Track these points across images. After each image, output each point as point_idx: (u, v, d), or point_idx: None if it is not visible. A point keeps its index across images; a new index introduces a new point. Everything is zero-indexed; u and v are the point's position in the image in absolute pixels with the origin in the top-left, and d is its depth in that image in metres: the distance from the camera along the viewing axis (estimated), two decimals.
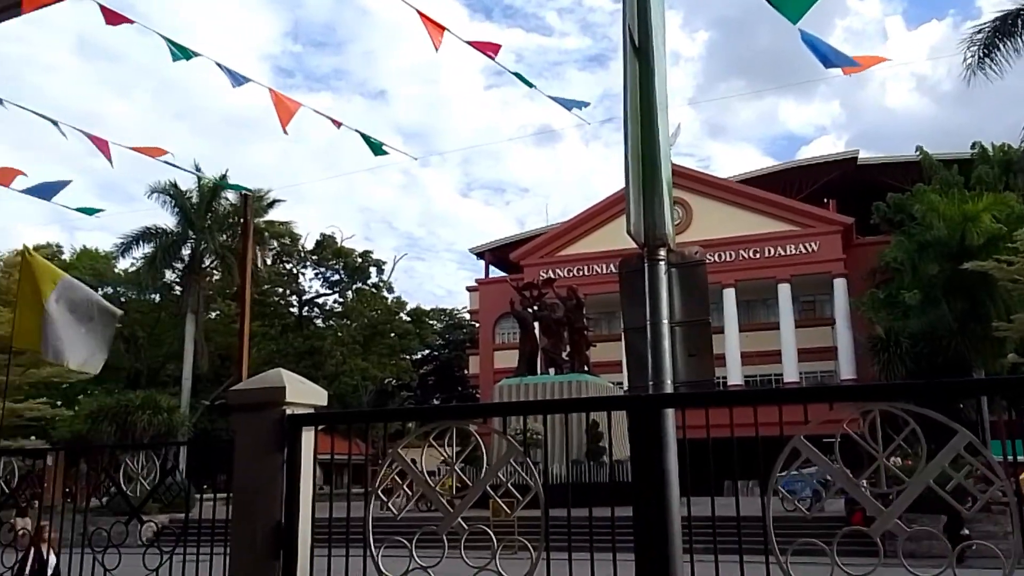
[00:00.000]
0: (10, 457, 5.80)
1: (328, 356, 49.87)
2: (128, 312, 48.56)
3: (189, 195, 43.36)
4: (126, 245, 43.61)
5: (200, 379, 42.41)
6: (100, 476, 6.06)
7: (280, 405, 4.64)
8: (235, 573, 4.55)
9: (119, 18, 3.81)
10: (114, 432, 30.05)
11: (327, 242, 56.25)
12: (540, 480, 4.09)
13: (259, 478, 4.64)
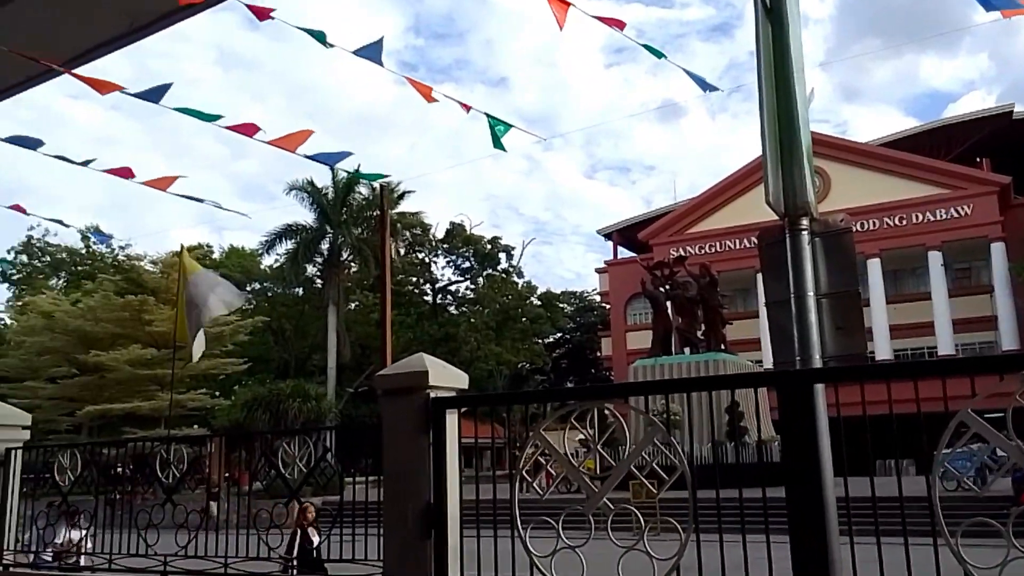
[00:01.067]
0: (179, 444, 6.22)
1: (463, 342, 50.88)
2: (274, 306, 51.23)
3: (325, 191, 45.11)
4: (270, 242, 45.88)
5: (343, 368, 44.18)
6: (258, 461, 6.38)
7: (424, 389, 4.76)
8: (389, 551, 4.71)
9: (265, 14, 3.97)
10: (268, 419, 31.76)
11: (456, 230, 57.29)
12: (685, 460, 4.02)
13: (407, 460, 4.77)
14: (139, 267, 45.20)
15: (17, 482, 6.48)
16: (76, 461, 6.32)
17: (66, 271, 56.66)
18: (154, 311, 39.12)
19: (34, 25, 5.35)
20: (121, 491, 7.58)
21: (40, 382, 40.41)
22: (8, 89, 6.51)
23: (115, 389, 38.81)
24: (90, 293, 41.88)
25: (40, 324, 41.41)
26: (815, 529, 3.57)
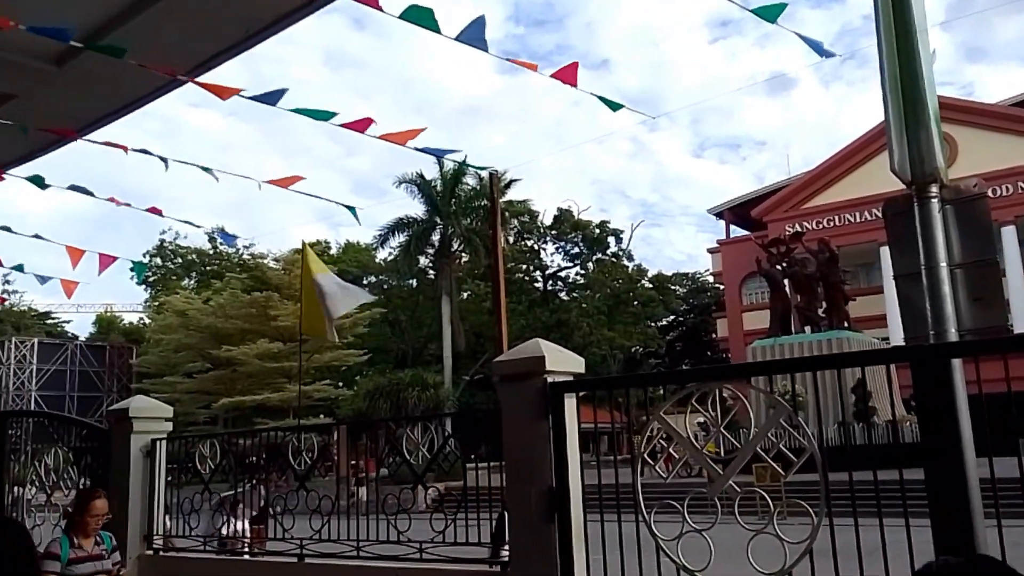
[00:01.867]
0: (308, 433, 6.48)
1: (575, 328, 50.88)
2: (390, 298, 52.52)
3: (434, 183, 45.88)
4: (383, 236, 47.03)
5: (459, 356, 44.91)
6: (383, 448, 6.57)
7: (541, 374, 4.78)
8: (514, 534, 4.77)
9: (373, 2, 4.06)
10: (389, 408, 32.70)
11: (564, 216, 57.23)
12: (815, 441, 3.89)
13: (527, 445, 4.82)
14: (263, 265, 47.31)
15: (163, 471, 6.91)
16: (215, 451, 6.68)
17: (196, 271, 59.83)
18: (278, 307, 40.88)
19: (158, 38, 5.64)
20: (256, 479, 7.96)
21: (178, 377, 42.95)
22: (137, 101, 6.89)
23: (246, 382, 40.83)
24: (219, 291, 44.18)
25: (175, 322, 44.02)
26: (957, 511, 3.39)
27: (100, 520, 5.44)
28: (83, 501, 5.50)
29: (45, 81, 6.33)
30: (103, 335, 57.85)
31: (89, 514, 5.35)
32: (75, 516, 5.43)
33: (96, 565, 5.35)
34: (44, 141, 7.81)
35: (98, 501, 5.45)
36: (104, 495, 5.60)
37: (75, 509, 5.50)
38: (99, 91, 6.59)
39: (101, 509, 5.42)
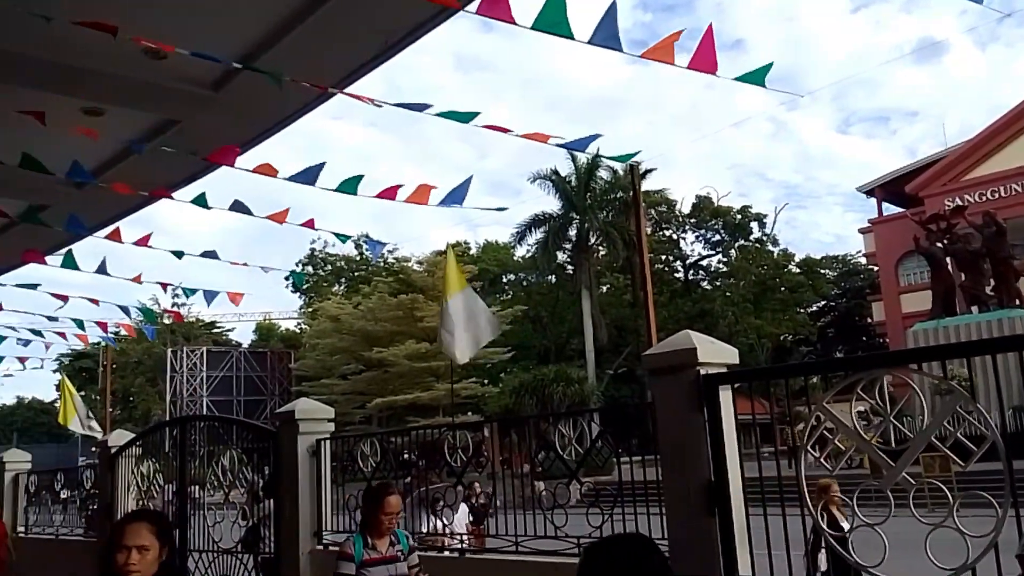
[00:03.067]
0: (459, 430, 6.61)
1: (719, 317, 49.65)
2: (530, 295, 52.99)
3: (568, 179, 45.91)
4: (520, 234, 47.51)
5: (601, 350, 44.78)
6: (532, 444, 6.62)
7: (693, 366, 4.68)
8: (673, 529, 4.69)
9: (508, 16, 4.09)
10: (535, 404, 33.02)
11: (703, 204, 55.94)
12: (996, 429, 3.62)
13: (682, 438, 4.73)
14: (407, 268, 48.82)
15: (328, 469, 7.24)
16: (375, 449, 6.94)
17: (345, 277, 62.45)
18: (424, 308, 42.09)
19: (306, 56, 5.92)
20: (412, 475, 8.22)
21: (334, 379, 45.00)
22: (288, 117, 7.26)
23: (397, 382, 42.28)
24: (367, 296, 45.97)
25: (329, 327, 46.16)
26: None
27: (395, 519, 4.92)
28: (375, 497, 4.90)
29: (205, 106, 6.76)
30: (264, 342, 61.39)
31: (383, 511, 4.80)
32: (368, 514, 4.90)
33: (391, 568, 4.84)
34: (205, 163, 8.37)
35: (392, 497, 4.86)
36: (396, 490, 5.08)
37: (366, 507, 4.94)
38: (254, 112, 6.98)
39: (395, 506, 4.88)
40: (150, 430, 10.38)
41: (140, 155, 7.68)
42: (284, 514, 7.28)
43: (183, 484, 8.48)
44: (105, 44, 5.25)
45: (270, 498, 7.80)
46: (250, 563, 7.61)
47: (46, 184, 7.78)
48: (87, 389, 59.30)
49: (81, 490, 11.12)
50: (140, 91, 6.50)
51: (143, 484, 9.39)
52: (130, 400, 57.87)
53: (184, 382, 50.39)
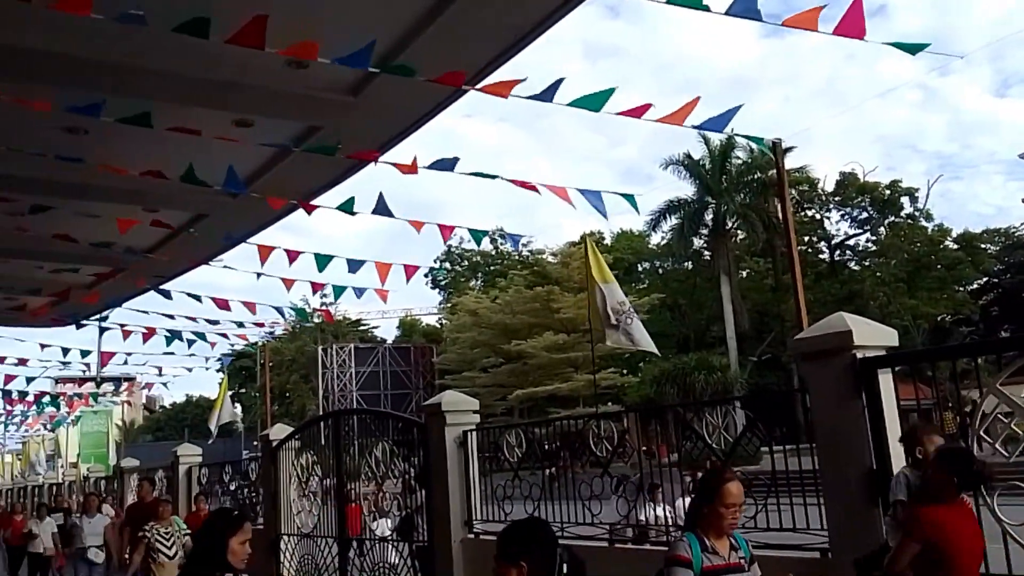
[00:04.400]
0: (600, 420, 6.58)
1: (869, 298, 47.19)
2: (667, 283, 52.22)
3: (702, 162, 44.84)
4: (655, 221, 46.78)
5: (743, 337, 43.54)
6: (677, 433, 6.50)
7: (849, 350, 4.47)
8: (833, 519, 4.50)
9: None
10: (676, 393, 32.51)
11: (848, 180, 53.26)
12: None
13: (839, 425, 4.52)
14: (542, 260, 49.13)
15: (475, 460, 7.37)
16: (521, 439, 7.01)
17: (482, 272, 63.50)
18: (560, 299, 42.26)
19: (439, 54, 6.02)
20: (555, 466, 8.24)
21: (476, 372, 45.88)
22: (424, 117, 7.41)
23: (537, 374, 42.67)
24: (504, 289, 46.57)
25: (469, 321, 47.13)
26: None
27: (737, 512, 3.67)
28: (711, 484, 3.67)
29: (345, 111, 7.00)
30: (407, 337, 63.32)
31: (723, 503, 3.55)
32: (701, 506, 3.66)
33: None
34: (346, 168, 8.69)
35: (732, 485, 3.60)
36: (737, 476, 3.75)
37: (700, 496, 3.72)
38: (392, 113, 7.17)
39: (738, 496, 3.61)
40: (306, 424, 10.89)
41: (286, 163, 8.08)
42: (435, 503, 7.47)
43: (339, 475, 8.84)
44: (251, 58, 5.53)
45: (422, 488, 8.03)
46: (405, 551, 7.86)
47: (204, 195, 8.30)
48: (247, 387, 63.10)
49: (247, 481, 11.83)
50: (285, 100, 6.80)
51: (303, 475, 9.87)
52: (286, 396, 61.03)
53: (334, 378, 52.68)
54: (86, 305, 12.79)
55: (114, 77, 6.02)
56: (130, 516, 8.43)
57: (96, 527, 10.96)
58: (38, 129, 6.75)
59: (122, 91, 6.00)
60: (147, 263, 10.19)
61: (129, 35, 5.30)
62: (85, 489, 18.29)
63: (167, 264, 10.30)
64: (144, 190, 7.78)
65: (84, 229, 8.70)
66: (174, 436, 61.63)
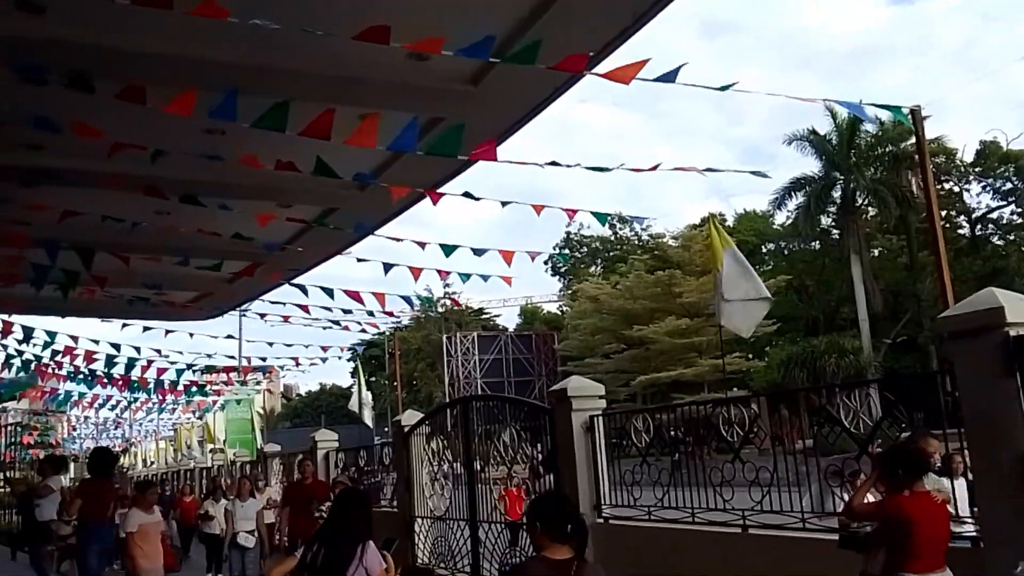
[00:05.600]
0: (726, 406, 6.43)
1: (1016, 275, 44.16)
2: (793, 264, 50.47)
3: (828, 137, 42.99)
4: (779, 200, 45.20)
5: (875, 318, 41.60)
6: (809, 418, 6.28)
7: (1001, 327, 4.21)
8: (984, 507, 4.26)
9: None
10: (805, 377, 31.42)
11: (989, 149, 49.81)
12: None
13: (991, 407, 4.27)
14: (663, 244, 48.41)
15: (602, 445, 7.36)
16: (648, 424, 6.95)
17: (601, 258, 63.17)
18: (682, 283, 41.58)
19: (556, 39, 6.00)
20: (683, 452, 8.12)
21: (597, 358, 45.76)
22: (541, 104, 7.41)
23: (659, 359, 42.16)
24: (624, 274, 46.18)
25: (589, 308, 47.05)
26: None
27: None
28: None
29: (465, 101, 7.09)
30: (528, 325, 63.78)
31: None
32: None
33: None
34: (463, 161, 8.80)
35: None
36: None
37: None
38: (512, 101, 7.22)
39: None
40: (436, 410, 11.17)
41: (409, 155, 8.26)
42: (563, 488, 7.51)
43: (469, 460, 9.02)
44: (373, 53, 5.67)
45: (549, 473, 8.09)
46: None
47: (334, 188, 8.61)
48: (377, 375, 65.20)
49: (380, 465, 12.23)
50: (407, 93, 6.95)
51: (434, 460, 10.13)
52: (414, 384, 62.66)
53: (459, 366, 53.72)
54: (228, 299, 13.53)
55: (245, 78, 6.30)
56: (289, 496, 8.56)
57: (248, 511, 11.20)
58: (180, 132, 7.16)
59: (253, 91, 6.27)
60: (282, 257, 10.65)
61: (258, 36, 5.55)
62: (233, 473, 19.38)
63: (301, 257, 10.74)
64: (278, 186, 8.13)
65: (225, 226, 9.19)
66: (310, 423, 64.44)
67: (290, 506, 8.23)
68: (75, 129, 6.31)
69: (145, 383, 16.99)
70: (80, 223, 8.04)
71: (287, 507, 8.34)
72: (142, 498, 8.14)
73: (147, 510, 7.92)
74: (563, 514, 3.49)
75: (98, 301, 12.48)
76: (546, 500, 4.03)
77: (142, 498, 8.14)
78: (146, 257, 9.72)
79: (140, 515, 7.80)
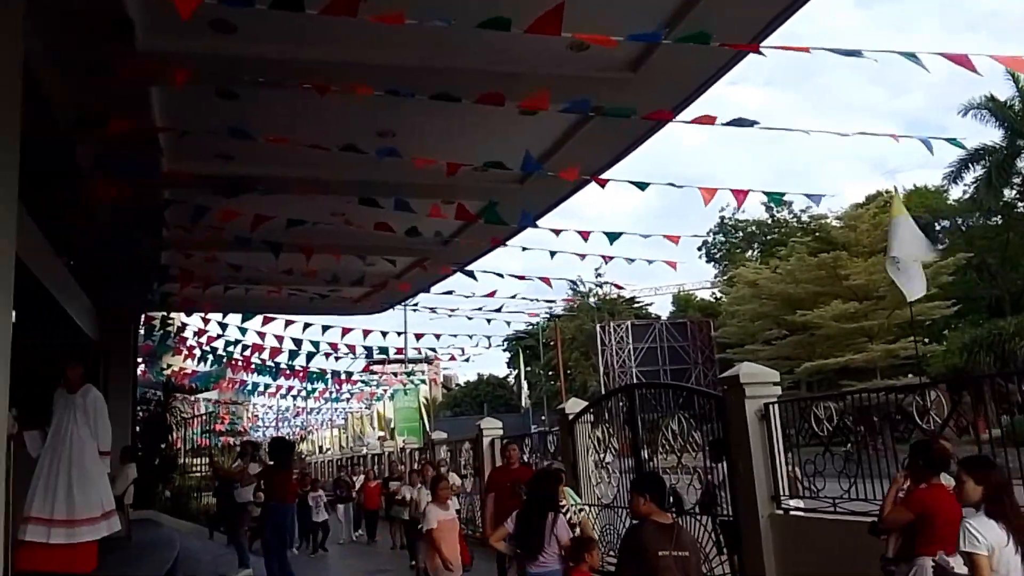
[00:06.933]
0: (901, 393, 6.06)
1: None
2: (971, 240, 46.84)
3: (1009, 104, 39.57)
4: (954, 173, 42.07)
5: None
6: (989, 406, 5.83)
7: None
8: None
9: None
10: (992, 362, 29.11)
11: None
12: None
13: None
14: (826, 225, 46.16)
15: (779, 434, 7.13)
16: (831, 413, 6.67)
17: (757, 242, 61.03)
18: (848, 265, 39.50)
19: (724, 13, 5.87)
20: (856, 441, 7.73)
21: (758, 345, 44.29)
22: (701, 86, 7.25)
23: (825, 345, 40.27)
24: (785, 258, 44.38)
25: (748, 293, 45.56)
26: None
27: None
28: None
29: (623, 88, 7.04)
30: (682, 312, 62.59)
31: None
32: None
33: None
34: (626, 144, 8.75)
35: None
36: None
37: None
38: (671, 85, 7.10)
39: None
40: (601, 398, 11.19)
41: (570, 143, 8.31)
42: (738, 478, 7.34)
43: (636, 448, 8.98)
44: (533, 46, 5.72)
45: (716, 462, 7.93)
46: (708, 524, 7.82)
47: (496, 182, 8.80)
48: (532, 365, 66.05)
49: (545, 453, 12.38)
50: (566, 84, 6.97)
51: (599, 448, 10.16)
52: (568, 373, 63.02)
53: (613, 355, 53.50)
54: (399, 292, 14.11)
55: (414, 77, 6.52)
56: (495, 482, 8.35)
57: None
58: (355, 135, 7.52)
59: (422, 90, 6.48)
60: (449, 250, 11.00)
61: (427, 37, 5.73)
62: (401, 460, 20.19)
63: (466, 249, 11.05)
64: (444, 182, 8.39)
65: (396, 224, 9.58)
66: (469, 411, 66.15)
67: (495, 491, 8.11)
68: (265, 137, 6.74)
69: (324, 373, 18.03)
70: (268, 225, 8.62)
71: (492, 492, 8.22)
72: (436, 493, 7.50)
73: (442, 506, 7.28)
74: (665, 489, 4.47)
75: (283, 299, 13.37)
76: (651, 477, 4.96)
77: (436, 493, 7.50)
78: (326, 255, 10.28)
79: (437, 511, 7.18)
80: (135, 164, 7.51)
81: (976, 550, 3.56)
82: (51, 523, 6.47)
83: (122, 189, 7.67)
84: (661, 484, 4.45)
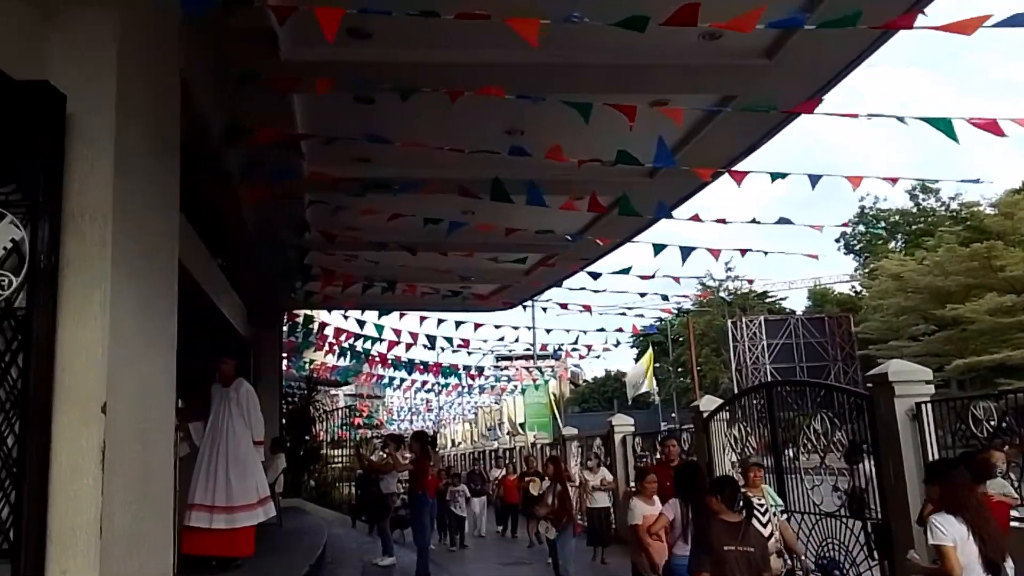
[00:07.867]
0: None
1: None
2: None
3: None
4: None
5: None
6: None
7: None
8: None
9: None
10: None
11: None
12: None
13: None
14: (978, 213, 43.23)
15: (933, 435, 6.73)
16: (990, 413, 6.25)
17: (901, 232, 57.85)
18: (1004, 255, 36.84)
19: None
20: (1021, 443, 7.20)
21: (903, 341, 41.96)
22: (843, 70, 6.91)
23: (979, 340, 37.71)
24: (933, 249, 41.86)
25: (892, 286, 43.19)
26: None
27: None
28: None
29: (759, 75, 6.81)
30: (818, 307, 60.07)
31: None
32: None
33: None
34: (760, 135, 8.47)
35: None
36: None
37: None
38: (809, 70, 6.81)
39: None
40: (737, 396, 10.90)
41: (701, 135, 8.12)
42: (888, 480, 6.99)
43: (776, 447, 8.70)
44: (666, 37, 5.61)
45: (853, 463, 7.59)
46: (856, 528, 7.48)
47: (625, 177, 8.70)
48: (661, 360, 65.13)
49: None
50: (699, 74, 6.83)
51: (736, 446, 9.90)
52: (698, 369, 61.76)
53: (746, 351, 51.99)
54: (528, 288, 14.23)
55: (543, 73, 6.54)
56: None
57: None
58: (484, 135, 7.62)
59: (551, 87, 6.49)
60: (578, 247, 10.98)
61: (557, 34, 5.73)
62: (531, 455, 20.32)
63: (594, 247, 11.00)
64: (573, 177, 8.38)
65: (525, 221, 9.65)
66: (596, 407, 65.88)
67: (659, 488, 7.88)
68: (400, 141, 6.94)
69: (456, 368, 18.42)
70: (403, 224, 8.87)
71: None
72: (642, 487, 7.19)
73: (648, 500, 6.97)
74: (738, 490, 4.82)
75: (416, 297, 13.73)
76: (724, 480, 5.17)
77: (642, 487, 7.19)
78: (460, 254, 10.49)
79: (642, 506, 6.88)
80: (279, 169, 7.89)
81: (943, 542, 4.05)
82: (212, 510, 6.90)
83: (267, 193, 8.08)
84: (734, 486, 4.84)
